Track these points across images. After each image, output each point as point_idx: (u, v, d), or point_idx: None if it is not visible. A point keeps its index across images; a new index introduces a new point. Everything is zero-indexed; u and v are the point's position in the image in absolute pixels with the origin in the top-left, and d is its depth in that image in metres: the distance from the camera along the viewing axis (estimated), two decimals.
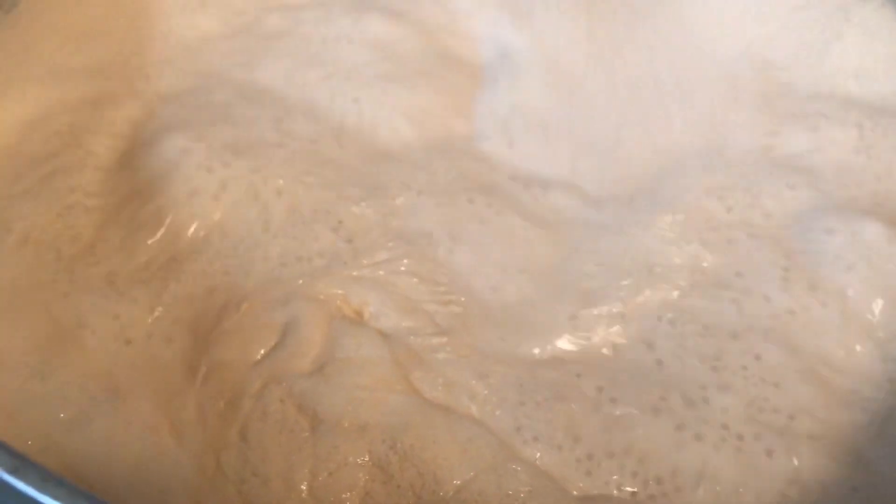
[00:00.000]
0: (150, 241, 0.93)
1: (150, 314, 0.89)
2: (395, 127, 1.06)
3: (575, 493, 0.82)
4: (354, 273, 0.93)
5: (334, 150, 1.03)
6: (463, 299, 0.92)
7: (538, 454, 0.83)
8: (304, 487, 0.81)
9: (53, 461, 0.80)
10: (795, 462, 0.83)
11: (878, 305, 0.91)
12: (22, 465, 0.62)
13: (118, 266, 0.92)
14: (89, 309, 0.89)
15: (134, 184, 0.97)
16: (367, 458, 0.82)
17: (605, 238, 0.97)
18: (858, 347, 0.89)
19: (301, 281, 0.92)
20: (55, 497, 0.61)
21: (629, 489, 0.82)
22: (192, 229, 0.94)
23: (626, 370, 0.89)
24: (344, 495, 0.80)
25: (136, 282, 0.91)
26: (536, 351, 0.90)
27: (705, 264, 0.95)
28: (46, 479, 0.61)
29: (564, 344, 0.91)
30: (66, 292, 0.90)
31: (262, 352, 0.88)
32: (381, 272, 0.94)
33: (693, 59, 1.12)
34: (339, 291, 0.92)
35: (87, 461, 0.81)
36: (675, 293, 0.93)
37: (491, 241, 0.96)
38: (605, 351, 0.91)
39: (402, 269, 0.94)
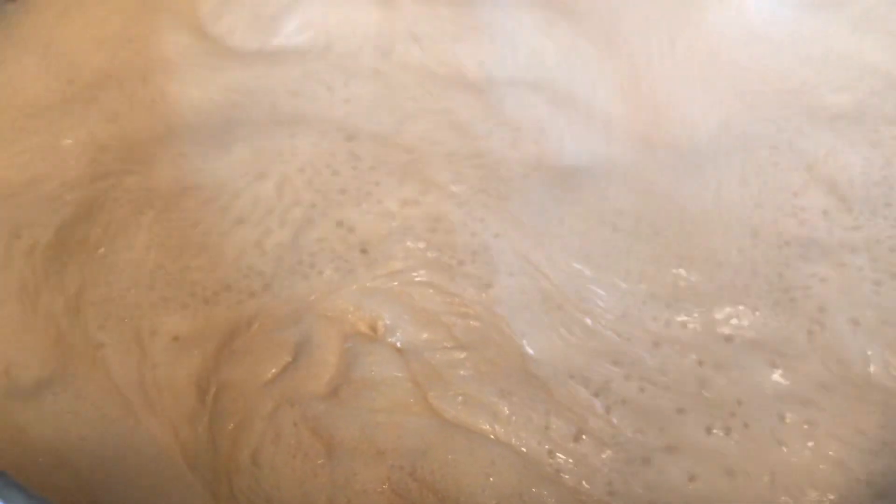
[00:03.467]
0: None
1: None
2: None
3: None
4: (368, 285, 0.89)
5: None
6: (482, 311, 0.88)
7: (566, 477, 0.79)
8: None
9: (65, 480, 0.79)
10: None
11: None
12: None
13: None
14: (101, 325, 0.87)
15: None
16: (386, 486, 0.78)
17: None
18: None
19: (313, 297, 0.88)
20: None
21: None
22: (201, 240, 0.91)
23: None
24: None
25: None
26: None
27: None
28: None
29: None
30: (77, 305, 0.88)
31: (274, 371, 0.85)
32: (396, 283, 0.90)
33: None
34: (352, 307, 0.88)
35: (98, 481, 0.79)
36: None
37: None
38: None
39: (418, 279, 0.90)
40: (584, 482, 0.79)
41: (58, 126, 0.99)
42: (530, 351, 0.86)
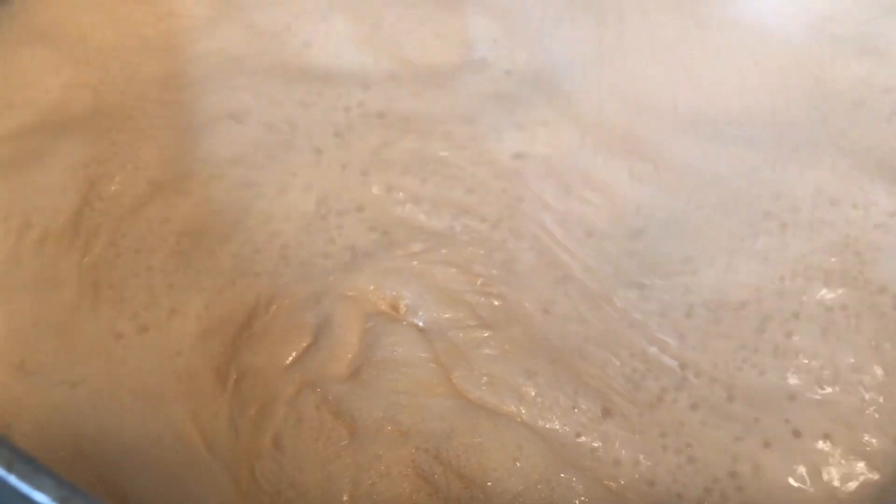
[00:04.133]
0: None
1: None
2: None
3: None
4: (388, 265, 0.87)
5: None
6: (506, 290, 0.86)
7: (594, 462, 0.78)
8: (345, 499, 0.76)
9: (86, 472, 0.77)
10: None
11: None
12: (71, 494, 0.59)
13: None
14: (118, 314, 0.85)
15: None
16: (410, 469, 0.77)
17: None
18: None
19: (332, 277, 0.86)
20: None
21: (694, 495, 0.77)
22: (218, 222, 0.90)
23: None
24: None
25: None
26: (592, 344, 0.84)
27: None
28: None
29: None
30: (92, 296, 0.86)
31: (294, 355, 0.83)
32: (416, 262, 0.88)
33: None
34: (372, 286, 0.86)
35: (119, 471, 0.78)
36: None
37: None
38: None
39: (440, 258, 0.88)
40: (613, 465, 0.78)
41: None
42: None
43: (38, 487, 0.59)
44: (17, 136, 0.96)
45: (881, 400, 0.81)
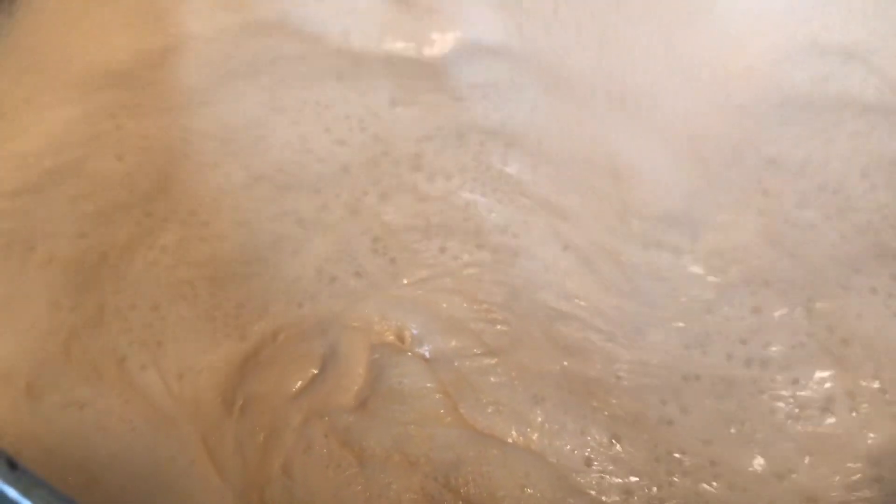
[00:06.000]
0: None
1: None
2: None
3: None
4: (394, 293, 0.89)
5: None
6: (511, 316, 0.88)
7: (602, 489, 0.79)
8: None
9: (97, 497, 0.78)
10: None
11: None
12: None
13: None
14: (124, 338, 0.86)
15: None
16: (420, 496, 0.78)
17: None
18: None
19: (338, 307, 0.87)
20: None
21: None
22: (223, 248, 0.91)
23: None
24: None
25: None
26: (598, 367, 0.86)
27: None
28: None
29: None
30: (97, 319, 0.87)
31: (300, 384, 0.84)
32: (421, 291, 0.89)
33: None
34: (377, 316, 0.87)
35: (131, 496, 0.78)
36: None
37: None
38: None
39: (444, 287, 0.90)
40: (622, 493, 0.79)
41: None
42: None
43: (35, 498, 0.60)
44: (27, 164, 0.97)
45: None
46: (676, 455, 0.81)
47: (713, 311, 0.89)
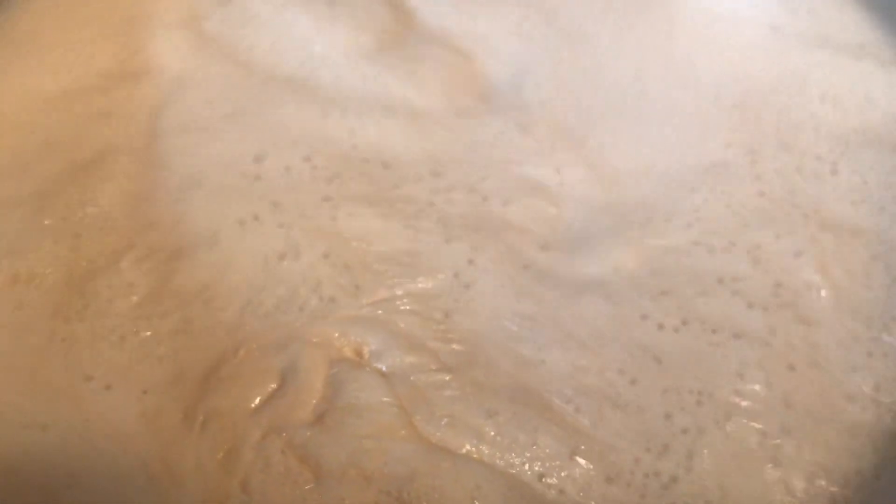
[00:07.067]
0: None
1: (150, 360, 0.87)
2: None
3: None
4: (353, 313, 0.90)
5: None
6: (469, 337, 0.89)
7: (553, 501, 0.81)
8: None
9: None
10: None
11: None
12: None
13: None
14: (89, 357, 0.87)
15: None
16: None
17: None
18: None
19: (299, 323, 0.89)
20: None
21: None
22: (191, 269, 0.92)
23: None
24: None
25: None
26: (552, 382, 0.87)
27: None
28: None
29: None
30: (64, 339, 0.88)
31: (260, 399, 0.85)
32: (381, 311, 0.90)
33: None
34: (337, 333, 0.89)
35: None
36: None
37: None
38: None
39: (404, 308, 0.91)
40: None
41: None
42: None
43: None
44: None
45: None
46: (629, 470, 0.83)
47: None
